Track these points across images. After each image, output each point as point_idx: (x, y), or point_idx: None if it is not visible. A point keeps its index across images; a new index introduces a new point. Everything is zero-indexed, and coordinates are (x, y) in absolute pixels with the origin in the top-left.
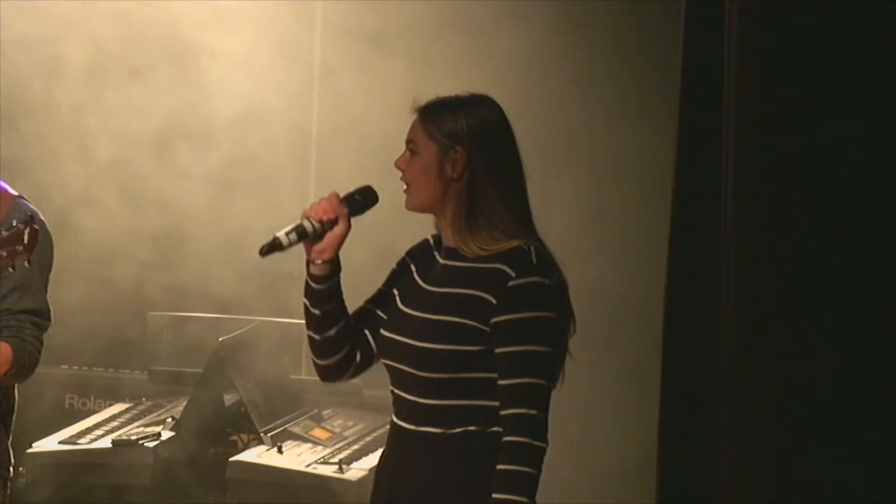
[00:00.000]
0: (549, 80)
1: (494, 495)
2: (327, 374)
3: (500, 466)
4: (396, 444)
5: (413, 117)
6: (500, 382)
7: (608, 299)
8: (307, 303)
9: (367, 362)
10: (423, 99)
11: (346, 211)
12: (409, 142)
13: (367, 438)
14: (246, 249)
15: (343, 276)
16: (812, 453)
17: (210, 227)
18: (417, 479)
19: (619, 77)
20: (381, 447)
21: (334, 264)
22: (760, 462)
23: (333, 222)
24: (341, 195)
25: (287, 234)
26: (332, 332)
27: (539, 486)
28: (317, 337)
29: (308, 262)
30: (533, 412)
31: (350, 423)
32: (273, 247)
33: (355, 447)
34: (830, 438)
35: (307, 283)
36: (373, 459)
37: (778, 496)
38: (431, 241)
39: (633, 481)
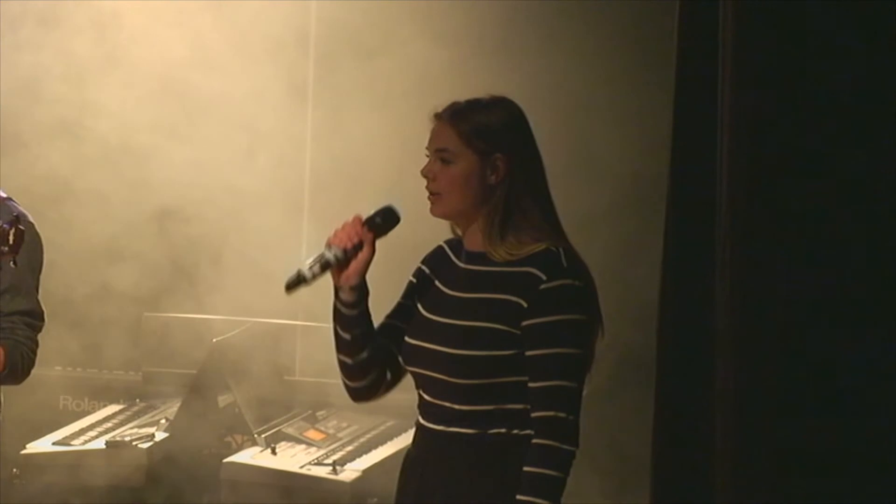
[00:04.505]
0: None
1: (519, 496)
2: (359, 396)
3: (526, 468)
4: (425, 445)
5: (435, 123)
6: (531, 385)
7: (604, 297)
8: (337, 327)
9: (397, 378)
10: (441, 105)
11: (371, 235)
12: (440, 150)
13: (362, 440)
14: (242, 249)
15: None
16: (809, 454)
17: (204, 229)
18: (450, 479)
19: (614, 71)
20: (374, 448)
21: (362, 289)
22: (757, 463)
23: (357, 247)
24: (364, 217)
25: (311, 267)
26: (364, 354)
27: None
28: (349, 361)
29: (336, 289)
30: (562, 415)
31: (344, 425)
32: (298, 281)
33: (349, 448)
34: (829, 439)
35: (336, 308)
36: (367, 460)
37: (775, 497)
38: (446, 247)
39: (630, 481)
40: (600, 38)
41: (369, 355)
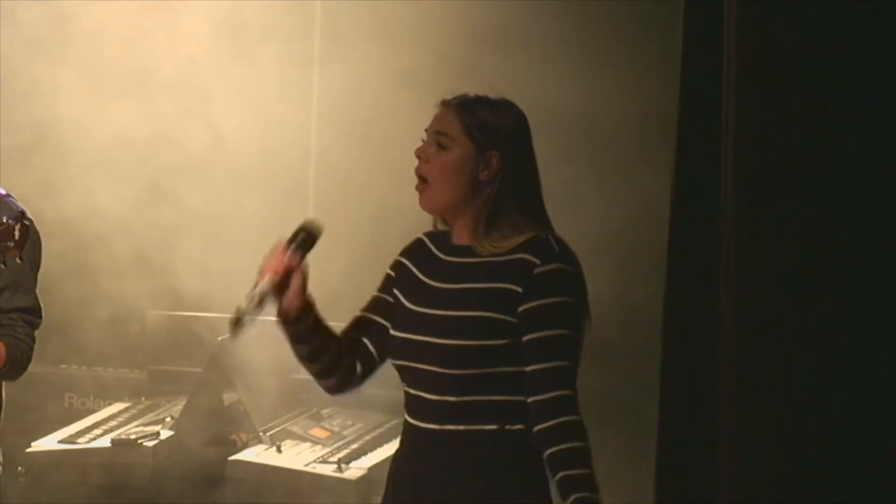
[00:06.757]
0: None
1: (563, 473)
2: (330, 391)
3: (553, 449)
4: (416, 445)
5: (440, 109)
6: (532, 368)
7: (604, 296)
8: (291, 344)
9: (369, 371)
10: (450, 93)
11: (296, 257)
12: (439, 133)
13: (367, 437)
14: (242, 249)
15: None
16: (811, 454)
17: (207, 226)
18: (444, 478)
19: (614, 67)
20: (379, 446)
21: (305, 305)
22: (759, 463)
23: (287, 274)
24: (284, 241)
25: (247, 309)
26: (326, 357)
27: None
28: (312, 366)
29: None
30: (569, 392)
31: (349, 423)
32: (240, 325)
33: (354, 446)
34: (829, 439)
35: (285, 330)
36: (372, 458)
37: (776, 497)
38: (427, 240)
39: (630, 479)
40: (574, 40)
41: (332, 357)
